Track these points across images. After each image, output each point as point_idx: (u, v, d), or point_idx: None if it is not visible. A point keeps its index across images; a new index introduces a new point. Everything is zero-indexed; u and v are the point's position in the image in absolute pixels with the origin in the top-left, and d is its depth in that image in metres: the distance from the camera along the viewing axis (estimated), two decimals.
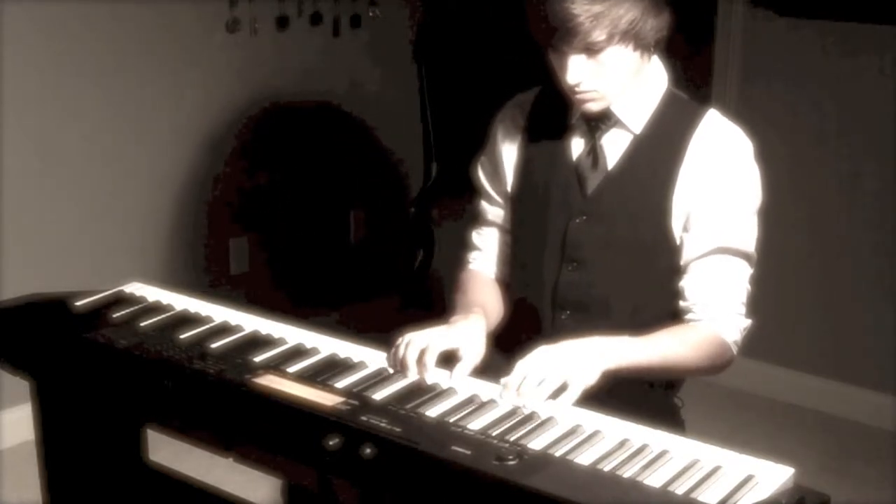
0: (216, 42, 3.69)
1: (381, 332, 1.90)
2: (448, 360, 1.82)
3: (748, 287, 1.95)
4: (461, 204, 2.50)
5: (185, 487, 2.23)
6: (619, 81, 1.85)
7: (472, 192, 2.20)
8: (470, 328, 1.89)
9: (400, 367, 1.79)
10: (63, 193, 3.40)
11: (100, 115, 3.44)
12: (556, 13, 1.75)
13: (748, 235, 1.93)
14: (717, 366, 1.92)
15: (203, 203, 3.79)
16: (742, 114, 2.00)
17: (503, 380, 1.71)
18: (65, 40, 3.32)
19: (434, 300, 3.51)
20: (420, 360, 1.78)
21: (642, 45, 1.83)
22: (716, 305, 1.91)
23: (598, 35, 1.76)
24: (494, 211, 2.13)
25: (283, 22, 3.84)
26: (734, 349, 1.93)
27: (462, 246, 2.21)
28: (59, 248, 3.40)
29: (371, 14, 4.08)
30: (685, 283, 1.93)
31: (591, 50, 1.79)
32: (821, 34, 3.48)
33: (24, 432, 2.45)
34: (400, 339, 1.83)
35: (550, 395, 1.67)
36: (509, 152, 2.06)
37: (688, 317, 1.92)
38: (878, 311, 3.53)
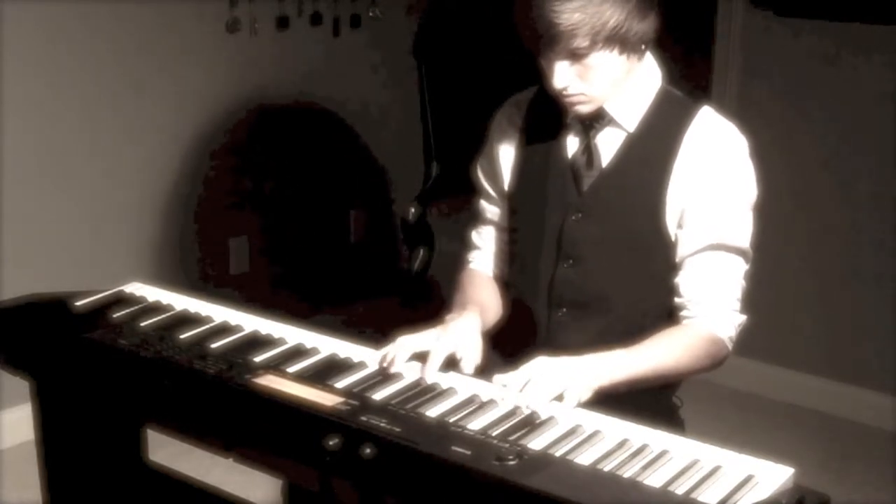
0: (216, 42, 3.69)
1: (382, 332, 1.90)
2: (447, 364, 1.81)
3: (743, 283, 1.95)
4: (461, 204, 2.50)
5: (185, 487, 2.23)
6: (606, 84, 1.86)
7: (472, 191, 2.20)
8: (464, 327, 1.89)
9: (387, 368, 1.79)
10: (63, 193, 3.40)
11: (100, 114, 3.44)
12: (540, 20, 1.77)
13: (743, 231, 1.94)
14: (712, 364, 1.93)
15: (203, 203, 3.79)
16: (742, 113, 2.00)
17: (498, 377, 1.71)
18: (65, 40, 3.32)
19: (434, 300, 3.50)
20: (423, 370, 1.77)
21: (628, 49, 1.84)
22: (710, 302, 1.91)
23: (581, 42, 1.78)
24: (493, 209, 2.14)
25: (283, 22, 3.84)
26: (729, 345, 1.94)
27: (462, 246, 2.21)
28: (59, 248, 3.40)
29: (371, 14, 4.09)
30: (679, 280, 1.93)
31: (576, 55, 1.81)
32: (821, 34, 3.48)
33: (24, 432, 2.45)
34: (392, 345, 1.82)
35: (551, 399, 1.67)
36: (506, 151, 2.07)
37: (682, 313, 1.93)
38: (878, 311, 3.53)
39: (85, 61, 3.37)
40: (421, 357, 1.80)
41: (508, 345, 2.04)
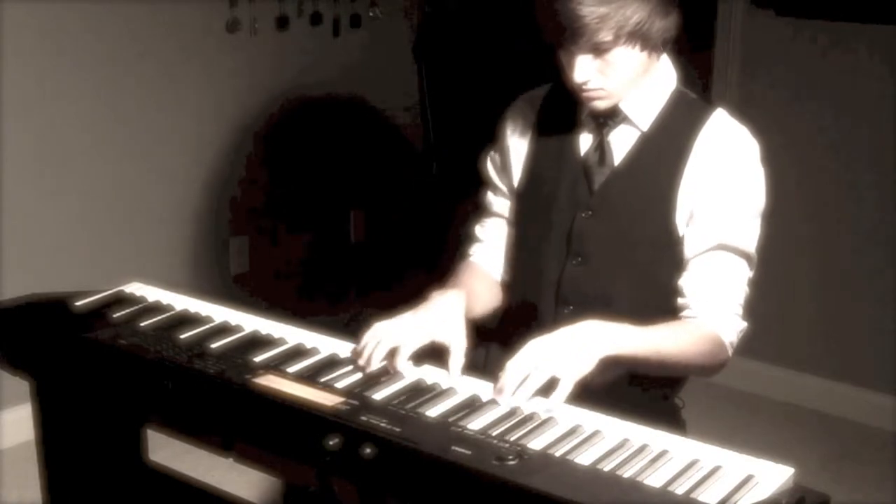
0: (216, 42, 3.69)
1: None
2: (435, 352, 1.81)
3: (747, 289, 1.95)
4: (461, 203, 2.50)
5: (185, 487, 2.23)
6: (625, 80, 1.86)
7: (471, 191, 2.20)
8: (444, 310, 1.86)
9: (365, 365, 1.78)
10: (63, 193, 3.40)
11: (99, 115, 3.44)
12: (564, 14, 1.77)
13: (750, 236, 1.93)
14: (712, 365, 1.92)
15: (203, 203, 3.79)
16: (742, 114, 2.00)
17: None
18: (64, 40, 3.32)
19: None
20: (391, 363, 1.77)
21: (650, 46, 1.84)
22: (714, 304, 1.91)
23: (605, 36, 1.78)
24: (500, 202, 2.13)
25: (283, 22, 3.84)
26: (729, 350, 1.93)
27: (463, 243, 2.21)
28: (59, 248, 3.40)
29: (371, 14, 4.08)
30: (684, 281, 1.93)
31: (598, 50, 1.81)
32: (821, 34, 3.48)
33: (24, 432, 2.45)
34: (369, 335, 1.81)
35: (539, 389, 1.66)
36: (518, 147, 2.07)
37: (685, 314, 1.93)
38: (878, 311, 3.53)
39: (84, 61, 3.37)
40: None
41: (513, 343, 2.04)
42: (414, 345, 1.79)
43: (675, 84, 1.97)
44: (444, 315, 1.86)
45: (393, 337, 1.80)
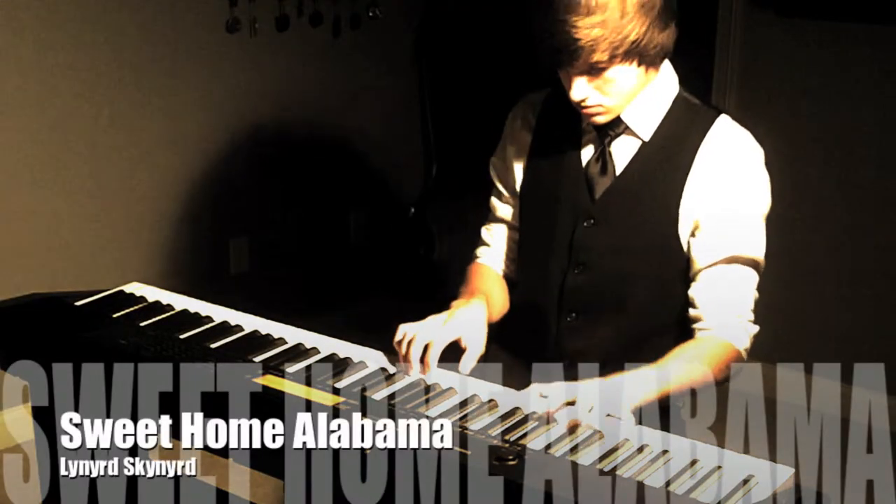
0: (216, 42, 3.69)
1: (381, 331, 1.90)
2: (451, 347, 1.82)
3: (756, 294, 1.94)
4: (461, 204, 2.50)
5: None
6: (624, 96, 1.86)
7: (471, 191, 2.20)
8: (470, 314, 1.89)
9: (404, 366, 1.80)
10: (63, 193, 3.39)
11: (99, 114, 3.44)
12: (558, 35, 1.76)
13: (758, 243, 1.92)
14: (730, 375, 1.93)
15: (203, 203, 3.79)
16: (742, 114, 2.00)
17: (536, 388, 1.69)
18: (64, 39, 3.32)
19: (434, 300, 3.51)
20: (423, 359, 1.78)
21: (647, 61, 1.83)
22: (726, 315, 1.90)
23: (600, 56, 1.77)
24: (504, 207, 2.13)
25: (283, 22, 3.84)
26: (745, 355, 1.94)
27: (462, 245, 2.21)
28: (58, 247, 3.40)
29: (371, 14, 4.08)
30: (695, 293, 1.92)
31: (595, 70, 1.80)
32: (821, 34, 3.48)
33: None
34: (401, 335, 1.82)
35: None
36: (519, 152, 2.07)
37: (698, 325, 1.92)
38: (878, 311, 3.53)
39: (83, 60, 3.37)
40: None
41: (518, 347, 2.03)
42: (444, 341, 1.81)
43: (677, 90, 1.95)
44: (469, 319, 1.87)
45: (424, 334, 1.81)
